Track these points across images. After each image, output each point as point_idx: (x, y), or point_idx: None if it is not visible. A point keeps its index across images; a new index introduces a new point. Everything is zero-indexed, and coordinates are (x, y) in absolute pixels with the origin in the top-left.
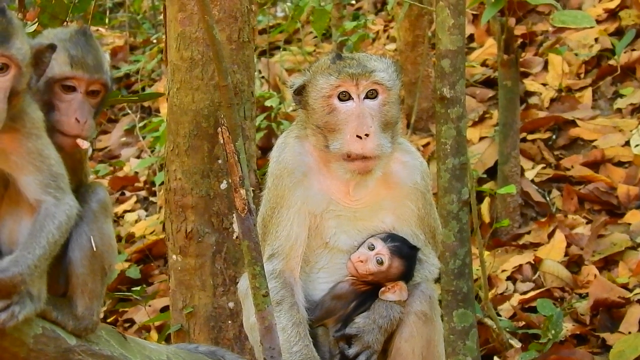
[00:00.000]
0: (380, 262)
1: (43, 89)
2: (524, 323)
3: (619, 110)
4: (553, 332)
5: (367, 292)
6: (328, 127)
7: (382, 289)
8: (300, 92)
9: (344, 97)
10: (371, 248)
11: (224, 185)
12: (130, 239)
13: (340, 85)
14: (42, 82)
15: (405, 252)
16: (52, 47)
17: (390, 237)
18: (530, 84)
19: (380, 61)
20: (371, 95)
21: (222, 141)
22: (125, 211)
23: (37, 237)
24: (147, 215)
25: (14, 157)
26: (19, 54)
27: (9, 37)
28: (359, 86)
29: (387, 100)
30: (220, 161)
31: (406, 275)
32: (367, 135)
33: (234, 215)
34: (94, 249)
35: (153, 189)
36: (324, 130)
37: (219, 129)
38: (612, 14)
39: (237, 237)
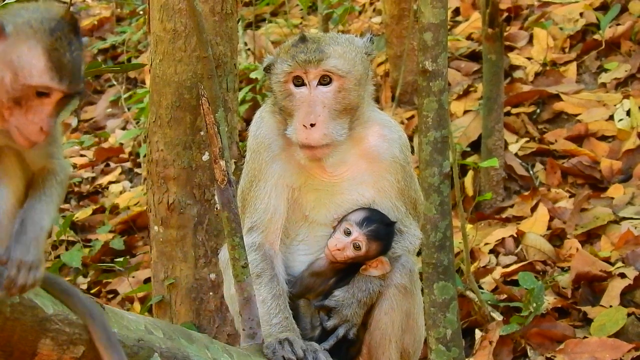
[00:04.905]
0: (358, 248)
1: (15, 89)
2: (505, 296)
3: (604, 84)
4: (534, 305)
5: (345, 269)
6: (286, 111)
7: (364, 266)
8: (269, 70)
9: (298, 82)
10: (347, 233)
11: (205, 157)
12: (115, 210)
13: (292, 72)
14: (17, 85)
15: (383, 234)
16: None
17: (366, 221)
18: (515, 58)
19: (341, 45)
20: (324, 81)
21: (203, 112)
22: (110, 182)
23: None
24: (131, 187)
25: None
26: None
27: None
28: (308, 74)
29: (344, 87)
30: (202, 133)
31: (386, 251)
32: (312, 125)
33: (215, 186)
34: None
35: (138, 160)
36: (284, 114)
37: (201, 100)
38: None
39: (218, 209)
